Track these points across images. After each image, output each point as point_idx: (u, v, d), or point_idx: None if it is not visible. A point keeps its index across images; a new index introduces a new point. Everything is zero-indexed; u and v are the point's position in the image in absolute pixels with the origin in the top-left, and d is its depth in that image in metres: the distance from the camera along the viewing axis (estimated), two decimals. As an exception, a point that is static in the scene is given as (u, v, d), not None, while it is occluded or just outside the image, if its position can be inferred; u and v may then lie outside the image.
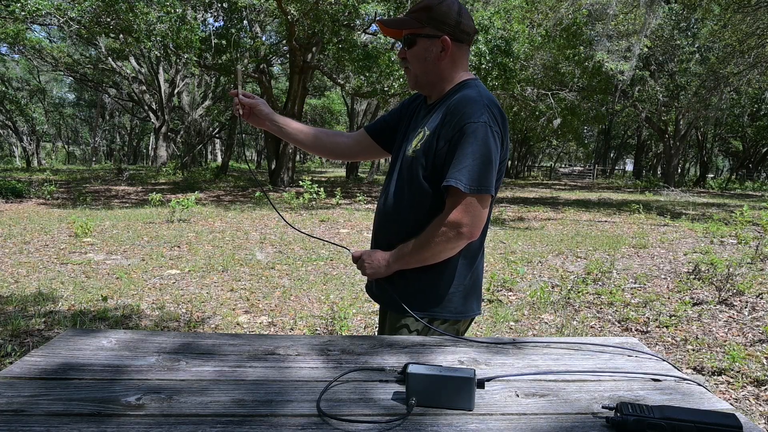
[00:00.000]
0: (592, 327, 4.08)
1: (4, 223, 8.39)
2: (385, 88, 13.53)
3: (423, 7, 1.46)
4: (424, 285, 1.51)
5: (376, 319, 3.80)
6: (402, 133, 1.65)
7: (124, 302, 4.42)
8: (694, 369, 3.24)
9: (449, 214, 1.39)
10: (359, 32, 14.00)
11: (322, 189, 12.57)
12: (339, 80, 17.35)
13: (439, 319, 1.51)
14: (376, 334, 1.73)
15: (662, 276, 5.70)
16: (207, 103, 25.80)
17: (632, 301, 4.74)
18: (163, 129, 24.83)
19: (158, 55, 14.74)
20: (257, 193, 13.94)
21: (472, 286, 1.55)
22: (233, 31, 15.43)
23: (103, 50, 23.16)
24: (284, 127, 1.72)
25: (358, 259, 1.60)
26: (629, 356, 1.28)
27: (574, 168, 55.22)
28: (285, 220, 1.87)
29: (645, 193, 19.02)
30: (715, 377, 3.12)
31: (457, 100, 1.43)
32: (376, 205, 1.67)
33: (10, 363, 2.49)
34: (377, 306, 1.69)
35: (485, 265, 6.21)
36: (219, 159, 36.07)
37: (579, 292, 4.93)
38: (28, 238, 7.13)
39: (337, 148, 1.79)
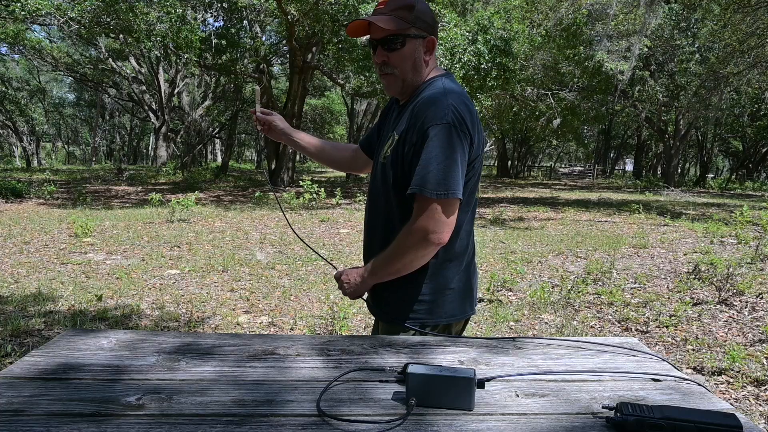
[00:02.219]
0: (592, 327, 4.08)
1: (4, 223, 8.39)
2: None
3: (406, 6, 1.37)
4: (412, 293, 1.46)
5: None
6: (382, 138, 1.63)
7: (124, 302, 4.42)
8: (694, 369, 3.24)
9: (415, 222, 1.35)
10: (359, 32, 13.98)
11: (322, 189, 12.58)
12: (339, 80, 17.35)
13: (430, 325, 1.48)
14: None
15: (662, 276, 5.70)
16: (207, 103, 25.80)
17: (632, 301, 4.74)
18: (163, 129, 24.82)
19: (158, 55, 14.75)
20: (257, 193, 13.94)
21: (464, 289, 1.51)
22: (233, 31, 15.43)
23: (103, 50, 23.17)
24: (299, 141, 1.79)
25: (338, 279, 1.59)
26: (629, 356, 1.28)
27: (574, 168, 55.21)
28: (295, 232, 1.93)
29: (645, 193, 19.02)
30: (715, 377, 3.12)
31: (421, 102, 1.37)
32: None
33: (10, 363, 2.49)
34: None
35: (485, 264, 6.21)
36: (219, 159, 36.08)
37: (579, 292, 4.93)
38: (28, 238, 7.13)
39: (343, 161, 1.84)
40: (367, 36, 1.43)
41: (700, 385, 1.13)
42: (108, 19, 11.70)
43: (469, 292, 1.54)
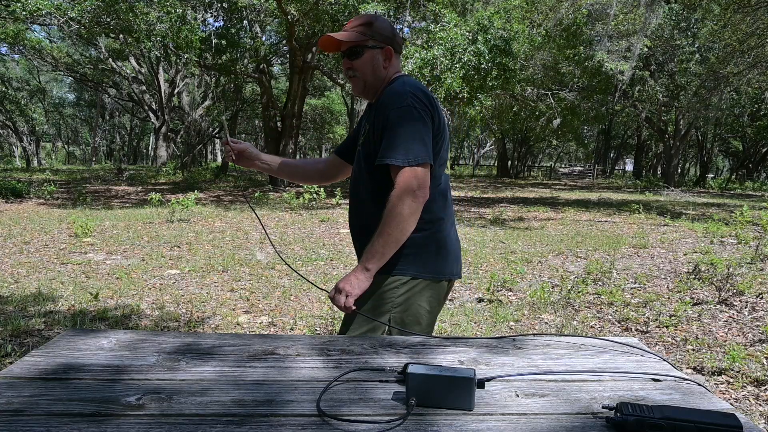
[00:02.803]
0: (592, 327, 4.08)
1: (4, 223, 8.39)
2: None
3: (365, 23, 1.66)
4: (405, 250, 1.61)
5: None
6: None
7: (124, 302, 4.42)
8: (694, 369, 3.24)
9: (397, 187, 1.51)
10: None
11: (322, 189, 12.58)
12: (339, 80, 17.34)
13: (418, 277, 1.63)
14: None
15: (662, 276, 5.70)
16: (207, 103, 25.80)
17: (632, 301, 4.74)
18: (163, 129, 24.83)
19: (158, 55, 14.74)
20: (257, 193, 13.95)
21: (446, 251, 1.68)
22: (233, 31, 15.43)
23: (103, 50, 23.17)
24: (271, 164, 1.93)
25: (335, 297, 1.59)
26: (629, 356, 1.28)
27: (574, 168, 55.20)
28: (276, 249, 1.95)
29: (645, 193, 19.02)
30: (715, 377, 3.12)
31: (385, 95, 1.61)
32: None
33: (10, 363, 2.49)
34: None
35: (485, 264, 6.21)
36: (219, 159, 36.08)
37: (579, 292, 4.93)
38: (28, 238, 7.13)
39: (315, 174, 2.00)
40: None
41: (700, 385, 1.13)
42: (108, 19, 11.70)
43: (452, 256, 1.71)
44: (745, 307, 4.40)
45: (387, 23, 1.69)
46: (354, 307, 1.57)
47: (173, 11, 11.60)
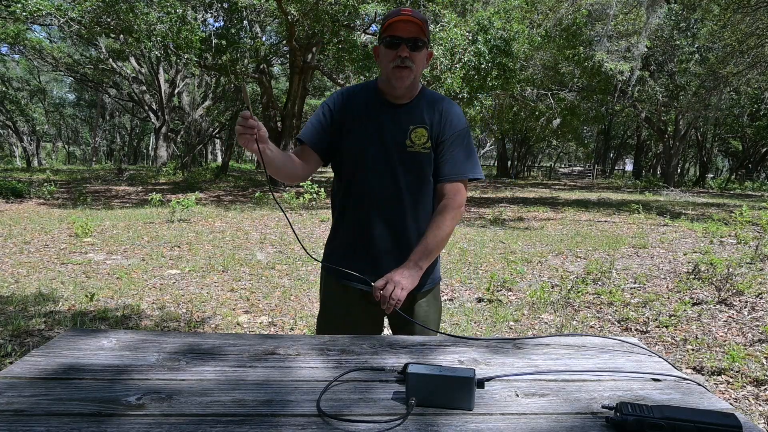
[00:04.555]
0: (591, 327, 4.08)
1: (4, 223, 8.39)
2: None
3: (426, 21, 1.65)
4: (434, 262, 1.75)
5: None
6: (361, 127, 1.65)
7: (125, 302, 4.42)
8: (694, 369, 3.24)
9: (458, 201, 1.67)
10: (359, 32, 14.00)
11: (322, 189, 12.58)
12: (339, 80, 17.33)
13: (438, 281, 1.82)
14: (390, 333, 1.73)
15: (662, 276, 5.70)
16: (207, 103, 25.79)
17: (632, 301, 4.74)
18: (164, 129, 24.82)
19: (158, 55, 14.73)
20: (257, 193, 13.94)
21: None
22: (233, 31, 15.42)
23: (104, 50, 23.15)
24: (274, 156, 1.57)
25: (383, 288, 1.55)
26: (629, 356, 1.28)
27: (574, 168, 55.19)
28: (305, 248, 1.91)
29: (645, 193, 19.02)
30: (714, 377, 3.12)
31: (445, 103, 1.69)
32: (364, 200, 1.66)
33: (11, 363, 2.49)
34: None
35: (485, 264, 6.22)
36: (219, 159, 36.07)
37: (579, 292, 4.93)
38: (28, 238, 7.13)
39: (294, 173, 1.68)
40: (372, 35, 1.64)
41: (699, 384, 1.13)
42: (108, 20, 11.70)
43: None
44: (745, 307, 4.40)
45: None
46: (400, 301, 1.56)
47: (173, 11, 11.60)
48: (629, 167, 38.72)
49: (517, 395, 1.03)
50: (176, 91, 25.38)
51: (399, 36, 1.58)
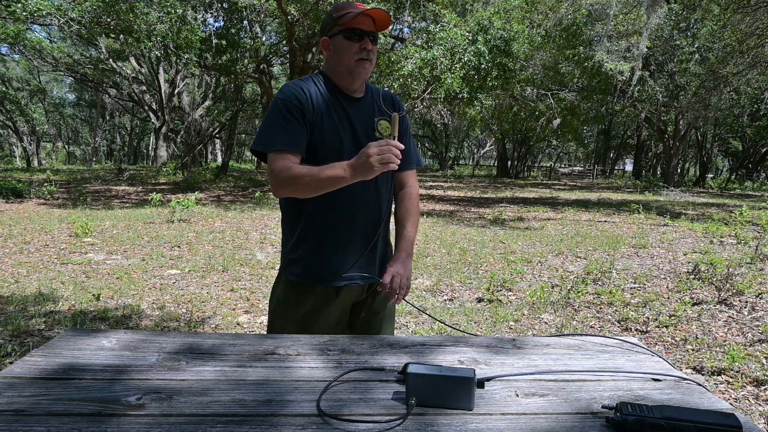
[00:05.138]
0: (591, 327, 4.08)
1: (4, 223, 8.39)
2: (385, 88, 13.51)
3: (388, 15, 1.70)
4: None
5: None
6: (331, 123, 1.61)
7: (125, 302, 4.42)
8: (694, 369, 3.24)
9: (416, 186, 1.82)
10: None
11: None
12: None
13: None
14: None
15: (662, 276, 5.70)
16: (207, 103, 25.78)
17: (632, 301, 4.74)
18: (164, 129, 24.81)
19: (158, 55, 14.74)
20: (257, 193, 13.94)
21: None
22: (233, 31, 15.43)
23: (104, 50, 23.16)
24: None
25: (400, 285, 1.65)
26: (629, 356, 1.28)
27: (574, 168, 55.14)
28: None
29: (645, 193, 19.02)
30: (714, 377, 3.12)
31: (391, 95, 1.80)
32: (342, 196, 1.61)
33: (11, 363, 2.49)
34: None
35: (485, 264, 6.22)
36: (219, 159, 36.07)
37: (579, 292, 4.93)
38: (28, 238, 7.13)
39: None
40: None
41: (699, 384, 1.13)
42: (108, 20, 11.70)
43: None
44: (745, 307, 4.40)
45: None
46: (408, 288, 1.70)
47: (173, 11, 11.60)
48: (629, 167, 38.73)
49: (517, 395, 1.03)
50: (176, 91, 25.38)
51: (362, 29, 1.59)
